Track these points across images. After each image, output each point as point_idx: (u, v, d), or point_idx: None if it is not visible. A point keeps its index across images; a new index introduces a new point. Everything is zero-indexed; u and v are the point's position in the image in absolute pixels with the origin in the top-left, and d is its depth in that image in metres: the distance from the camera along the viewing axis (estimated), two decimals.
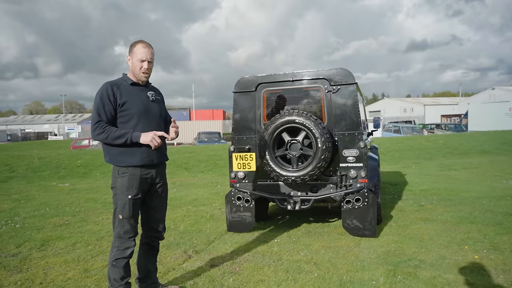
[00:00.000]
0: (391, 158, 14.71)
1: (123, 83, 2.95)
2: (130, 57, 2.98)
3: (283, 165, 4.69)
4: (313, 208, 5.86)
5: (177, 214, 6.32)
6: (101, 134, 2.80)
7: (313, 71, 4.79)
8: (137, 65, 2.95)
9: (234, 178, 5.09)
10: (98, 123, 2.82)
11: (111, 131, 2.81)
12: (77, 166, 13.39)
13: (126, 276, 2.94)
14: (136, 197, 2.90)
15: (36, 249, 4.57)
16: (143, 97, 2.99)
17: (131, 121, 2.89)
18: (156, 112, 3.05)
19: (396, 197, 7.14)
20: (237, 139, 5.07)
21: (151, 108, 3.01)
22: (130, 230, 2.92)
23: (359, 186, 4.60)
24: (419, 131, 27.83)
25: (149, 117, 2.97)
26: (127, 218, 2.90)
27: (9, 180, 11.74)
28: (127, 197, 2.88)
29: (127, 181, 2.88)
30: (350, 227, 4.68)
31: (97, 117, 2.82)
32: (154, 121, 3.01)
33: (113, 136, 2.81)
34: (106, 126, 2.82)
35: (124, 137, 2.82)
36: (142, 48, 2.96)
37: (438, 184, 8.36)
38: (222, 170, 12.77)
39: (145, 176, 2.95)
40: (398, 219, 5.49)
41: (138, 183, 2.91)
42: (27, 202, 7.82)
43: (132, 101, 2.90)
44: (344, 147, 4.65)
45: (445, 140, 18.24)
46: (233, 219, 5.10)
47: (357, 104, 4.64)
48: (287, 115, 4.58)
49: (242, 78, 5.10)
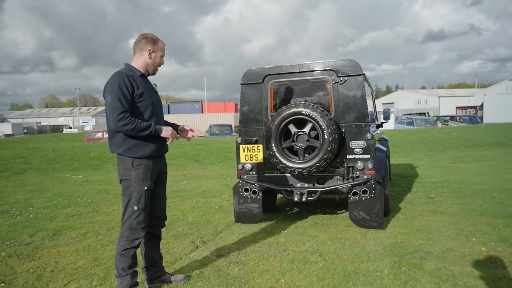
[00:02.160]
0: (402, 151, 14.57)
1: (133, 74, 2.95)
2: (153, 50, 3.01)
3: (289, 157, 4.70)
4: (321, 199, 5.88)
5: (187, 205, 6.39)
6: (128, 125, 2.78)
7: (320, 62, 4.77)
8: (158, 59, 3.04)
9: (241, 169, 5.12)
10: (123, 113, 2.78)
11: (137, 122, 2.82)
12: (90, 158, 13.61)
13: (134, 265, 3.03)
14: (150, 187, 2.99)
15: (48, 238, 4.70)
16: (152, 88, 3.07)
17: (147, 111, 2.94)
18: (161, 102, 3.18)
19: (406, 189, 7.10)
20: (245, 131, 5.09)
21: (158, 100, 3.12)
22: (143, 221, 2.98)
23: (366, 178, 4.59)
24: (433, 123, 27.45)
25: (158, 108, 3.06)
26: (142, 208, 2.96)
27: (25, 172, 12.01)
28: (143, 188, 2.94)
29: (142, 173, 2.93)
30: (357, 219, 4.68)
31: (121, 106, 2.78)
32: (160, 111, 3.13)
33: (139, 127, 2.83)
34: (131, 117, 2.81)
35: (149, 129, 2.87)
36: (163, 45, 3.07)
37: (450, 177, 8.27)
38: (233, 162, 12.83)
39: (156, 166, 3.03)
40: (407, 211, 5.46)
41: (151, 174, 2.98)
42: (41, 193, 8.01)
43: (147, 93, 2.95)
44: (351, 138, 4.63)
45: (458, 132, 17.97)
46: (240, 210, 5.14)
47: (365, 95, 4.61)
48: (294, 106, 4.58)
49: (249, 70, 5.10)
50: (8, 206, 6.64)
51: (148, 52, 3.00)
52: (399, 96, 64.00)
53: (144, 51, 3.00)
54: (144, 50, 3.00)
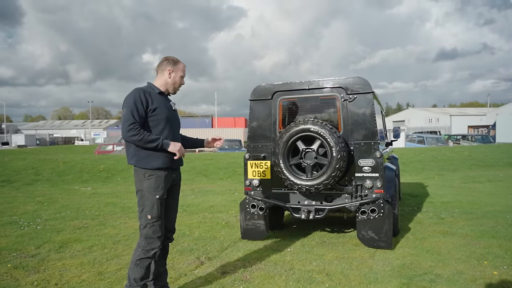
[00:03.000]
0: (413, 169, 14.41)
1: (152, 91, 3.19)
2: (174, 71, 3.26)
3: (297, 174, 4.67)
4: (328, 218, 5.81)
5: (193, 220, 6.37)
6: (135, 135, 2.99)
7: (330, 79, 4.78)
8: (178, 80, 3.28)
9: (249, 185, 5.10)
10: (133, 124, 2.99)
11: (145, 134, 3.01)
12: (99, 170, 13.71)
13: (146, 277, 3.09)
14: (163, 197, 3.12)
15: (55, 250, 4.70)
16: (168, 106, 3.28)
17: (159, 125, 3.14)
18: (178, 120, 3.40)
19: (416, 209, 6.99)
20: (253, 146, 5.09)
21: (174, 117, 3.33)
22: (158, 230, 3.10)
23: (375, 196, 4.53)
24: (444, 142, 27.17)
25: (173, 124, 3.26)
26: (156, 217, 3.09)
27: (35, 183, 12.12)
28: (155, 197, 3.08)
29: (154, 182, 3.08)
30: (365, 238, 4.61)
31: (132, 118, 3.00)
32: (176, 128, 3.33)
33: (146, 139, 3.02)
34: (141, 129, 3.01)
35: (156, 142, 3.05)
36: (184, 67, 3.33)
37: (461, 197, 8.13)
38: (241, 177, 12.80)
39: (168, 178, 3.18)
40: (416, 231, 5.36)
41: (163, 184, 3.12)
42: (50, 204, 8.06)
43: (161, 108, 3.16)
44: (359, 156, 4.60)
45: (470, 152, 17.74)
46: (247, 227, 5.11)
47: (374, 113, 4.59)
48: (302, 123, 4.58)
49: (259, 86, 5.13)
50: (16, 217, 6.69)
51: (168, 72, 3.24)
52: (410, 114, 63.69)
53: (165, 71, 3.24)
54: (165, 70, 3.24)
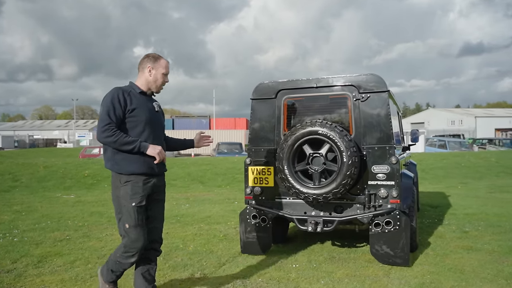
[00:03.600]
0: (433, 177, 14.39)
1: (132, 90, 3.32)
2: (154, 68, 3.37)
3: (303, 181, 4.67)
4: (338, 230, 5.79)
5: (188, 232, 6.37)
6: (111, 137, 3.09)
7: (340, 76, 4.78)
8: (159, 77, 3.39)
9: (249, 194, 5.10)
10: (108, 125, 3.10)
11: (121, 135, 3.11)
12: (84, 176, 13.74)
13: (119, 273, 3.37)
14: (140, 204, 3.21)
15: (33, 265, 4.70)
16: (150, 106, 3.38)
17: (138, 127, 3.24)
18: (160, 122, 3.48)
19: (437, 221, 6.98)
20: (254, 151, 5.10)
21: (156, 118, 3.42)
22: (137, 239, 3.19)
23: (390, 207, 4.52)
24: (468, 147, 27.12)
25: (154, 126, 3.35)
26: (133, 226, 3.18)
27: (12, 190, 12.16)
28: (131, 204, 3.17)
29: (130, 189, 3.18)
30: (379, 254, 4.60)
31: (108, 118, 3.11)
32: (158, 130, 3.41)
33: (122, 141, 3.11)
34: (116, 130, 3.12)
35: (133, 144, 3.13)
36: (166, 63, 3.42)
37: (487, 208, 8.10)
38: (241, 185, 12.81)
39: (147, 184, 3.27)
40: (437, 246, 5.35)
41: (141, 190, 3.21)
42: (28, 214, 8.07)
43: (141, 109, 3.27)
44: (373, 162, 4.59)
45: (498, 158, 17.69)
46: (247, 240, 5.10)
47: (389, 114, 4.59)
48: (309, 125, 4.58)
49: (261, 83, 5.14)
50: None
51: (148, 69, 3.36)
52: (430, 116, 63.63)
53: (145, 69, 3.37)
54: (145, 68, 3.37)
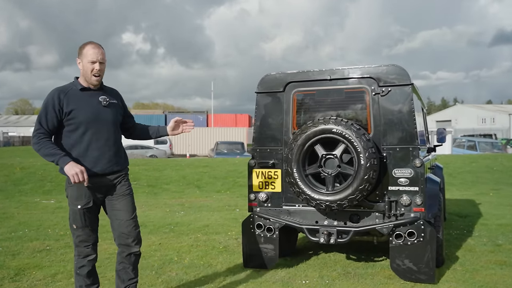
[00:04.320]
0: (462, 182, 14.35)
1: (72, 88, 3.47)
2: (80, 60, 3.48)
3: (315, 186, 4.68)
4: (354, 242, 5.79)
5: (183, 243, 6.39)
6: (36, 144, 3.35)
7: (357, 68, 4.79)
8: (88, 67, 3.45)
9: (254, 200, 5.12)
10: (37, 131, 3.36)
11: (44, 145, 3.32)
12: (65, 179, 13.77)
13: (93, 283, 3.59)
14: (86, 206, 3.45)
15: (9, 279, 4.73)
16: (94, 103, 3.50)
17: (79, 129, 3.42)
18: (109, 118, 3.57)
19: (466, 232, 6.97)
20: (259, 151, 5.11)
21: (103, 114, 3.53)
22: (86, 239, 3.51)
23: (414, 216, 4.52)
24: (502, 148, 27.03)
25: (99, 124, 3.50)
26: (81, 227, 3.48)
27: None
28: (76, 207, 3.44)
29: (76, 191, 3.43)
30: (401, 269, 4.60)
31: (38, 125, 3.36)
32: (106, 127, 3.54)
33: (44, 152, 3.32)
34: (43, 138, 3.35)
35: (53, 157, 3.30)
36: (92, 49, 3.46)
37: None
38: (243, 190, 12.82)
39: (96, 185, 3.47)
40: (466, 261, 5.35)
41: (87, 192, 3.44)
42: (3, 221, 8.12)
43: (80, 109, 3.41)
44: (394, 165, 4.60)
45: None
46: (251, 252, 5.12)
47: (413, 110, 4.60)
48: (322, 122, 4.59)
49: (268, 75, 5.16)
50: None
51: (78, 62, 3.51)
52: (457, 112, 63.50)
53: (78, 63, 3.52)
54: (77, 62, 3.52)
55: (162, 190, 13.00)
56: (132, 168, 15.11)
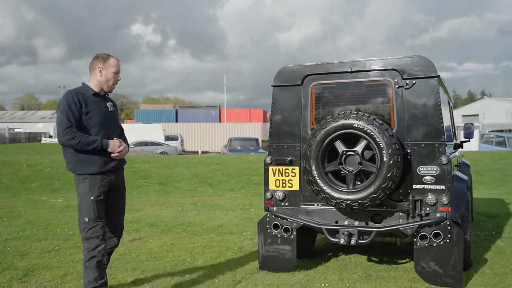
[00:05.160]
0: (490, 180, 14.21)
1: (86, 92, 4.01)
2: (103, 68, 4.04)
3: (335, 184, 4.67)
4: (376, 243, 5.77)
5: (196, 244, 6.43)
6: (72, 139, 3.82)
7: (380, 59, 4.77)
8: (111, 76, 4.07)
9: (270, 199, 5.12)
10: (69, 128, 3.83)
11: (82, 137, 3.86)
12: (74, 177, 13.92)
13: (101, 278, 3.93)
14: (98, 198, 3.95)
15: (18, 280, 4.81)
16: (103, 107, 4.10)
17: (93, 129, 3.97)
18: (115, 122, 4.23)
19: (494, 233, 6.91)
20: (276, 148, 5.11)
21: (111, 119, 4.16)
22: (97, 230, 3.93)
23: (440, 216, 4.49)
24: None
25: (108, 127, 4.09)
26: (93, 219, 3.92)
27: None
28: (89, 198, 3.91)
29: (88, 185, 3.94)
30: (426, 272, 4.57)
31: (67, 122, 3.84)
32: (113, 131, 4.13)
33: (85, 142, 3.86)
34: (77, 132, 3.86)
35: (95, 143, 3.89)
36: (116, 61, 4.11)
37: None
38: (258, 188, 12.85)
39: (105, 180, 4.01)
40: (495, 264, 5.31)
41: (99, 185, 3.96)
42: (11, 220, 8.25)
43: (94, 111, 3.99)
44: (419, 162, 4.57)
45: None
46: (267, 254, 5.12)
47: (439, 104, 4.56)
48: (342, 117, 4.57)
49: (285, 67, 5.16)
50: None
51: (99, 70, 4.05)
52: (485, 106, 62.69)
53: (95, 70, 4.06)
54: (96, 69, 4.05)
55: (174, 189, 13.09)
56: (142, 166, 15.30)
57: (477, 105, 66.70)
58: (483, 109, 61.65)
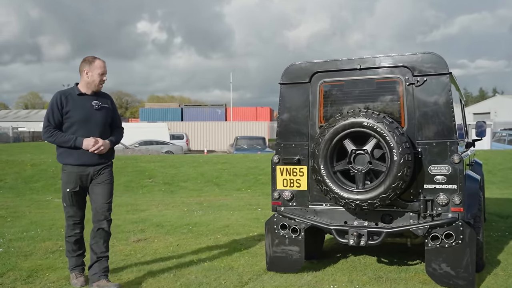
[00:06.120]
0: (502, 180, 14.13)
1: (71, 93, 4.55)
2: (89, 70, 4.52)
3: (344, 184, 4.66)
4: (386, 244, 5.75)
5: (202, 244, 6.43)
6: (50, 137, 4.45)
7: (390, 56, 4.76)
8: (97, 78, 4.54)
9: (278, 199, 5.12)
10: (47, 127, 4.46)
11: (58, 135, 4.45)
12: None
13: (78, 250, 4.69)
14: (73, 190, 4.50)
15: (22, 280, 4.83)
16: (87, 106, 4.54)
17: (72, 127, 4.49)
18: (98, 120, 4.58)
19: (507, 234, 6.88)
20: (284, 146, 5.11)
21: (94, 117, 4.56)
22: (72, 215, 4.60)
23: (451, 216, 4.47)
24: None
25: (89, 125, 4.52)
26: (69, 206, 4.58)
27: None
28: (66, 189, 4.53)
29: (66, 177, 4.53)
30: (437, 274, 4.55)
31: (47, 122, 4.47)
32: (96, 128, 4.55)
33: (60, 140, 4.45)
34: (54, 131, 4.45)
35: (69, 142, 4.42)
36: (101, 63, 4.58)
37: None
38: (265, 188, 12.85)
39: (82, 173, 4.51)
40: (508, 265, 5.28)
41: (75, 179, 4.49)
42: (15, 220, 8.29)
43: (75, 110, 4.48)
44: (430, 161, 4.55)
45: None
46: (275, 255, 5.12)
47: (451, 102, 4.53)
48: (352, 115, 4.56)
49: (292, 65, 5.15)
50: None
51: (85, 72, 4.55)
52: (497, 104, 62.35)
53: (83, 72, 4.56)
54: (83, 71, 4.56)
55: (179, 188, 13.11)
56: (148, 165, 15.34)
57: (488, 102, 66.36)
58: (495, 107, 61.30)
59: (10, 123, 69.47)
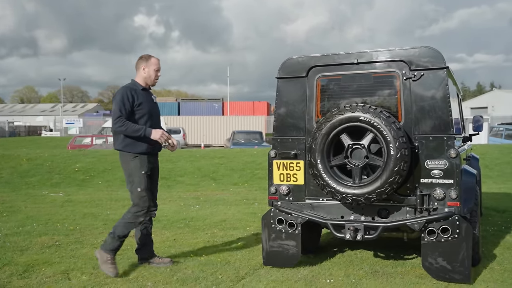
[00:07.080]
0: (499, 174, 14.18)
1: (136, 88, 4.96)
2: (146, 67, 5.00)
3: (341, 179, 4.67)
4: (382, 239, 5.77)
5: (198, 239, 6.44)
6: (121, 127, 4.74)
7: (387, 50, 4.76)
8: (152, 73, 5.04)
9: (274, 193, 5.13)
10: (119, 117, 4.74)
11: (129, 125, 4.75)
12: (74, 171, 13.99)
13: (125, 237, 4.90)
14: (148, 173, 4.89)
15: (18, 275, 4.83)
16: (150, 100, 5.07)
17: (143, 118, 4.91)
18: (158, 112, 5.24)
19: (504, 228, 6.90)
20: (280, 141, 5.11)
21: (155, 109, 5.16)
22: (147, 199, 4.88)
23: (448, 211, 4.49)
24: None
25: (154, 116, 5.06)
26: (145, 189, 4.84)
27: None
28: (141, 172, 4.85)
29: (139, 162, 4.86)
30: (433, 268, 4.57)
31: (119, 112, 4.75)
32: (157, 119, 5.11)
33: (131, 129, 4.75)
34: (126, 121, 4.75)
35: (140, 131, 4.78)
36: (156, 60, 5.07)
37: None
38: (262, 182, 12.86)
39: (150, 160, 4.97)
40: (504, 260, 5.30)
41: (146, 163, 4.90)
42: (11, 215, 8.29)
43: (145, 103, 4.94)
44: (427, 156, 4.56)
45: None
46: (271, 249, 5.13)
47: (448, 96, 4.54)
48: (349, 110, 4.56)
49: (289, 59, 5.15)
50: None
51: (142, 69, 5.02)
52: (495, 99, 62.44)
53: (140, 69, 5.04)
54: (140, 68, 5.03)
55: (176, 183, 13.11)
56: None
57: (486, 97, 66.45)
58: (492, 101, 61.39)
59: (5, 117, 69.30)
